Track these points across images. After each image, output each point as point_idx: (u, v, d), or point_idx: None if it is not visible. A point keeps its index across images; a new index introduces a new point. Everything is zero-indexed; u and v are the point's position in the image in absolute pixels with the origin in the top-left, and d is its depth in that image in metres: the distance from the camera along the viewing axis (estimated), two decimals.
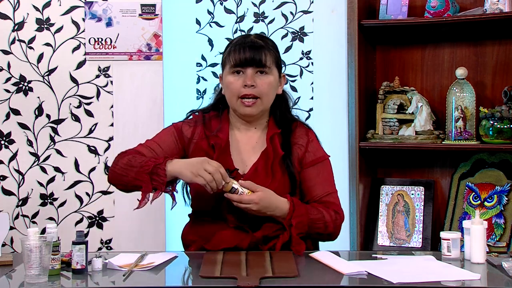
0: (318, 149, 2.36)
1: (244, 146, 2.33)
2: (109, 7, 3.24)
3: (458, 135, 3.04)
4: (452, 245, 2.05)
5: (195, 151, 2.31)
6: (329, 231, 2.25)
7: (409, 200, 3.22)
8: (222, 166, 2.12)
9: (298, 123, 2.41)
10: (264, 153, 2.29)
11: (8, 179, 3.22)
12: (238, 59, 2.27)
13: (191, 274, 1.98)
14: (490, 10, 2.98)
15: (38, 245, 1.81)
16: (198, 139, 2.33)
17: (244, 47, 2.28)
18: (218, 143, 2.29)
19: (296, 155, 2.31)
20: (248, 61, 2.27)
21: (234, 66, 2.28)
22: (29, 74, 3.22)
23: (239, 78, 2.28)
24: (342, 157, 3.21)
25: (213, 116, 2.38)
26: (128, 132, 3.24)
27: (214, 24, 3.40)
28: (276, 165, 2.27)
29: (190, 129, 2.35)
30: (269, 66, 2.29)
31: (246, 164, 2.30)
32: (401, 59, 3.32)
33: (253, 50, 2.27)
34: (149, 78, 3.26)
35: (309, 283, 1.84)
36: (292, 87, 3.39)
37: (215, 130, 2.32)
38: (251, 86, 2.25)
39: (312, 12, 3.38)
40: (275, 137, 2.31)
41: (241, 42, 2.31)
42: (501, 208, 3.02)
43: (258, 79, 2.27)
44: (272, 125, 2.35)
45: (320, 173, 2.32)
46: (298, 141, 2.34)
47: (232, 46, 2.32)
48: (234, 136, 2.35)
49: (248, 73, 2.27)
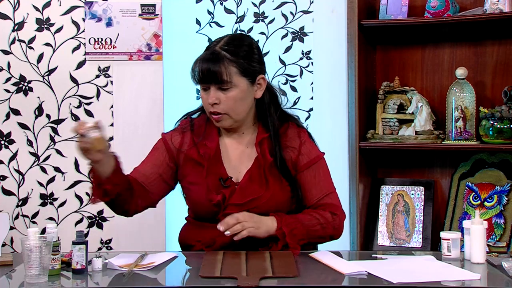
0: (312, 150, 2.30)
1: (234, 152, 2.28)
2: (109, 7, 3.24)
3: (458, 135, 3.04)
4: (452, 245, 2.05)
5: (185, 162, 2.27)
6: (329, 233, 2.23)
7: (409, 200, 3.22)
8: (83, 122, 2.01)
9: (289, 123, 2.33)
10: (257, 159, 2.25)
11: (8, 179, 3.22)
12: (198, 77, 2.19)
13: (191, 274, 1.98)
14: (490, 10, 2.98)
15: (38, 245, 1.81)
16: (187, 148, 2.27)
17: (203, 62, 2.18)
18: (207, 152, 2.24)
19: (289, 158, 2.26)
20: (207, 78, 2.18)
21: (197, 83, 2.21)
22: (29, 74, 3.22)
23: (206, 94, 2.20)
24: (342, 157, 3.21)
25: (202, 122, 2.32)
26: (128, 132, 3.24)
27: (214, 24, 3.40)
28: (269, 172, 2.22)
29: (178, 138, 2.30)
30: (230, 81, 2.17)
31: (239, 171, 2.25)
32: (401, 59, 3.32)
33: (209, 66, 2.17)
34: (149, 78, 3.26)
35: (309, 283, 1.84)
36: (292, 87, 3.39)
37: (203, 136, 2.27)
38: (215, 104, 2.19)
39: (312, 12, 3.38)
40: (264, 142, 2.25)
41: (203, 56, 2.20)
42: (501, 208, 3.02)
43: (222, 95, 2.18)
44: (261, 129, 2.28)
45: (316, 175, 2.28)
46: (291, 144, 2.28)
47: (198, 57, 2.22)
48: (223, 142, 2.30)
49: (211, 91, 2.18)
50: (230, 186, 2.21)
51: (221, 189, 2.21)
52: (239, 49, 2.22)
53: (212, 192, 2.20)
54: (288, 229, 2.13)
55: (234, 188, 2.21)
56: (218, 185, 2.22)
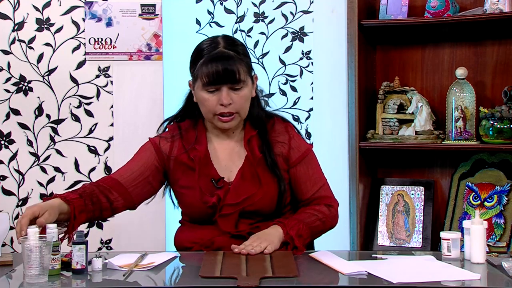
0: (301, 144, 2.30)
1: (224, 152, 2.27)
2: (109, 7, 3.24)
3: (458, 135, 3.04)
4: (452, 245, 2.05)
5: (176, 166, 2.25)
6: (328, 226, 2.26)
7: (409, 200, 3.22)
8: (26, 215, 1.95)
9: (275, 119, 2.32)
10: (247, 157, 2.24)
11: (8, 179, 3.23)
12: (212, 78, 2.13)
13: (191, 274, 1.98)
14: (490, 10, 2.98)
15: (38, 245, 1.81)
16: (177, 154, 2.25)
17: (216, 62, 2.14)
18: (197, 155, 2.22)
19: (280, 153, 2.25)
20: (222, 79, 2.13)
21: (207, 84, 2.15)
22: (29, 74, 3.22)
23: (214, 95, 2.15)
24: (342, 157, 3.21)
25: (189, 127, 2.29)
26: (128, 132, 3.24)
27: (214, 24, 3.40)
28: (260, 169, 2.22)
29: (167, 144, 2.27)
30: (243, 79, 2.16)
31: (231, 170, 2.24)
32: (401, 59, 3.32)
33: (226, 66, 2.13)
34: (149, 78, 3.26)
35: (309, 283, 1.84)
36: (292, 87, 3.39)
37: (192, 142, 2.25)
38: (229, 105, 2.16)
39: (312, 12, 3.38)
40: (253, 140, 2.25)
41: (212, 57, 2.15)
42: (501, 208, 3.02)
43: (234, 95, 2.16)
44: (249, 127, 2.27)
45: (309, 168, 2.28)
46: (280, 139, 2.27)
47: (203, 59, 2.17)
48: (212, 144, 2.28)
49: (224, 92, 2.15)
50: (224, 187, 2.20)
51: (214, 191, 2.20)
52: (239, 48, 2.22)
53: (206, 195, 2.19)
54: (294, 232, 2.14)
55: (227, 188, 2.20)
56: (211, 187, 2.21)
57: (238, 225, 2.20)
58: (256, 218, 2.22)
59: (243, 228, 2.20)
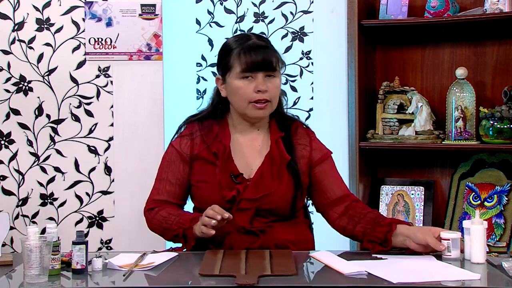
0: (322, 146, 2.37)
1: (247, 149, 2.30)
2: (109, 7, 3.24)
3: (458, 135, 3.04)
4: (452, 245, 2.05)
5: (198, 163, 2.28)
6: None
7: (409, 200, 3.22)
8: (216, 206, 2.09)
9: (298, 123, 2.40)
10: (268, 156, 2.27)
11: (8, 179, 3.23)
12: (250, 64, 2.21)
13: (191, 274, 1.98)
14: (490, 10, 2.98)
15: (38, 245, 1.81)
16: (198, 151, 2.29)
17: (254, 51, 2.22)
18: (220, 149, 2.26)
19: (301, 155, 2.30)
20: (259, 66, 2.22)
21: (244, 71, 2.22)
22: (29, 74, 3.22)
23: (249, 83, 2.23)
24: (342, 157, 3.21)
25: (211, 123, 2.33)
26: (128, 132, 3.24)
27: (214, 24, 3.40)
28: (283, 169, 2.25)
29: (188, 143, 2.31)
30: (278, 69, 2.26)
31: (251, 168, 2.27)
32: (401, 59, 3.32)
33: (263, 54, 2.23)
34: (149, 78, 3.27)
35: (309, 283, 1.84)
36: (292, 87, 3.39)
37: (214, 137, 2.28)
38: (265, 92, 2.22)
39: (312, 12, 3.38)
40: (280, 141, 2.29)
41: (249, 46, 2.24)
42: (501, 208, 3.02)
43: (269, 83, 2.23)
44: (275, 127, 2.33)
45: (332, 168, 2.34)
46: (301, 141, 2.33)
47: (238, 49, 2.24)
48: (236, 140, 2.31)
49: (260, 78, 2.22)
50: (242, 182, 2.22)
51: (233, 185, 2.22)
52: (269, 42, 2.33)
53: (225, 189, 2.21)
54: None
55: (246, 184, 2.22)
56: (230, 182, 2.23)
57: (253, 222, 2.22)
58: (270, 218, 2.23)
59: (257, 225, 2.21)
